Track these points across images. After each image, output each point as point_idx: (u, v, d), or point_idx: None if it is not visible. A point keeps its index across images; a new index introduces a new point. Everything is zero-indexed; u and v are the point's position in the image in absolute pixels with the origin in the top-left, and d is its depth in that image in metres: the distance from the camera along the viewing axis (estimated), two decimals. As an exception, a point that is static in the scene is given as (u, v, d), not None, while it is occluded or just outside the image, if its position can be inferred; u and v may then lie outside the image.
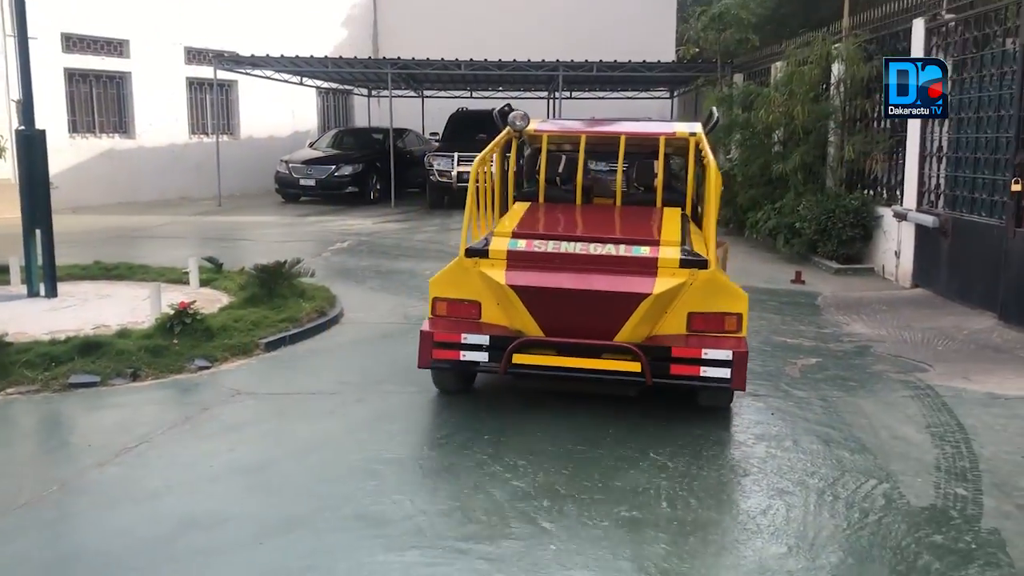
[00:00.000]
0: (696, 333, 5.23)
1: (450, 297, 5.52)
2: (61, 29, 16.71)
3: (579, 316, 5.19)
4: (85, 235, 13.16)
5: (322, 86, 22.78)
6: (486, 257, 5.37)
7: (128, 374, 5.98)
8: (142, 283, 8.98)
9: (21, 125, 7.94)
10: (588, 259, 5.25)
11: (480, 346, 5.32)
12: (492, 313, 5.41)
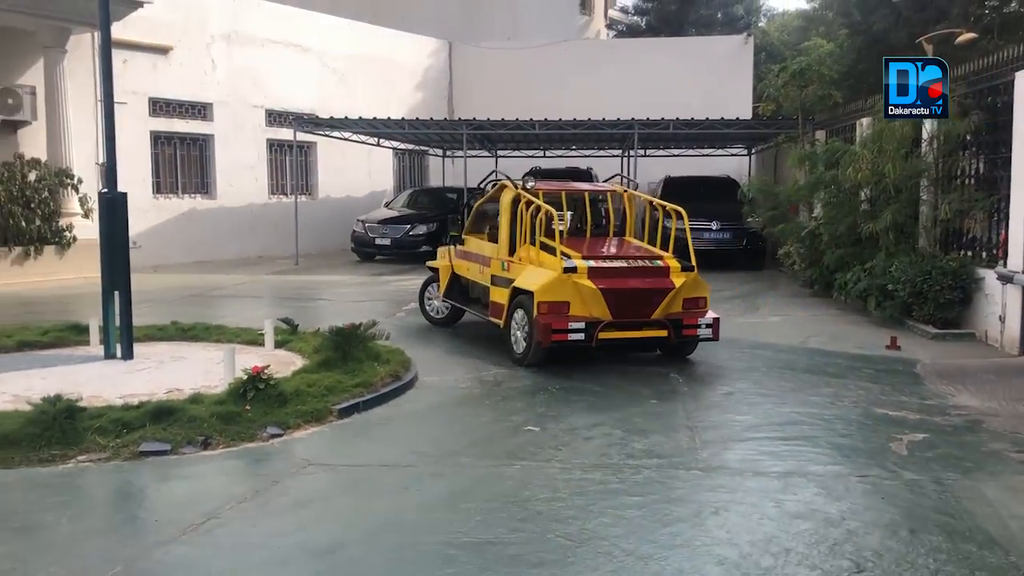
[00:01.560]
0: (688, 310, 8.48)
1: (550, 300, 8.08)
2: (149, 94, 17.25)
3: (633, 304, 8.22)
4: (164, 294, 13.33)
5: (398, 147, 23.05)
6: (576, 272, 8.13)
7: (199, 442, 5.83)
8: (218, 344, 8.95)
9: (104, 188, 8.01)
10: (631, 270, 8.45)
11: (579, 329, 8.03)
12: (576, 308, 8.13)
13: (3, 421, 5.80)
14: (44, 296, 13.49)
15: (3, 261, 14.29)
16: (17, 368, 7.78)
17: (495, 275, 9.24)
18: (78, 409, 5.87)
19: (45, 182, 14.66)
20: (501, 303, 8.89)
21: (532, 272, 8.51)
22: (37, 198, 14.51)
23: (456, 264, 10.33)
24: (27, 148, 14.92)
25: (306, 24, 20.85)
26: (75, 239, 15.04)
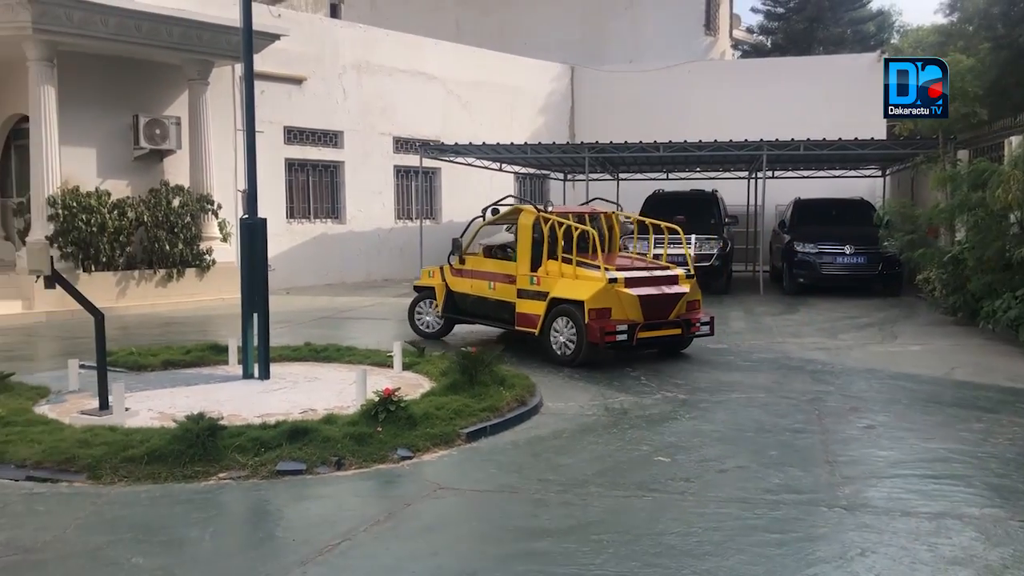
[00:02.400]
0: (692, 311, 10.13)
1: (599, 307, 9.43)
2: (284, 123, 17.98)
3: (658, 308, 9.76)
4: (297, 315, 13.77)
5: (520, 171, 23.22)
6: (616, 283, 9.54)
7: (333, 462, 5.94)
8: (349, 365, 9.15)
9: (245, 214, 8.34)
10: (654, 279, 9.98)
11: (623, 331, 9.37)
12: (616, 313, 9.51)
13: (151, 437, 6.06)
14: (185, 316, 14.17)
15: (148, 283, 15.08)
16: (162, 386, 8.15)
17: (523, 289, 10.28)
18: (219, 427, 6.08)
19: (188, 208, 15.43)
20: (534, 313, 10.07)
21: (570, 284, 9.76)
22: (180, 223, 15.27)
23: (452, 282, 11.25)
24: (171, 176, 15.74)
25: (432, 53, 21.33)
26: (214, 262, 15.75)
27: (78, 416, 6.78)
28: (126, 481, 5.60)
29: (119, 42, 14.01)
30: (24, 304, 13.56)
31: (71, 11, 13.16)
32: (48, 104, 13.70)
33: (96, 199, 14.29)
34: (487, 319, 11.07)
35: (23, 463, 5.78)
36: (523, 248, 10.38)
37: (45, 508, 5.19)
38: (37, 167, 13.88)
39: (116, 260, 14.62)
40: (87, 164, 14.79)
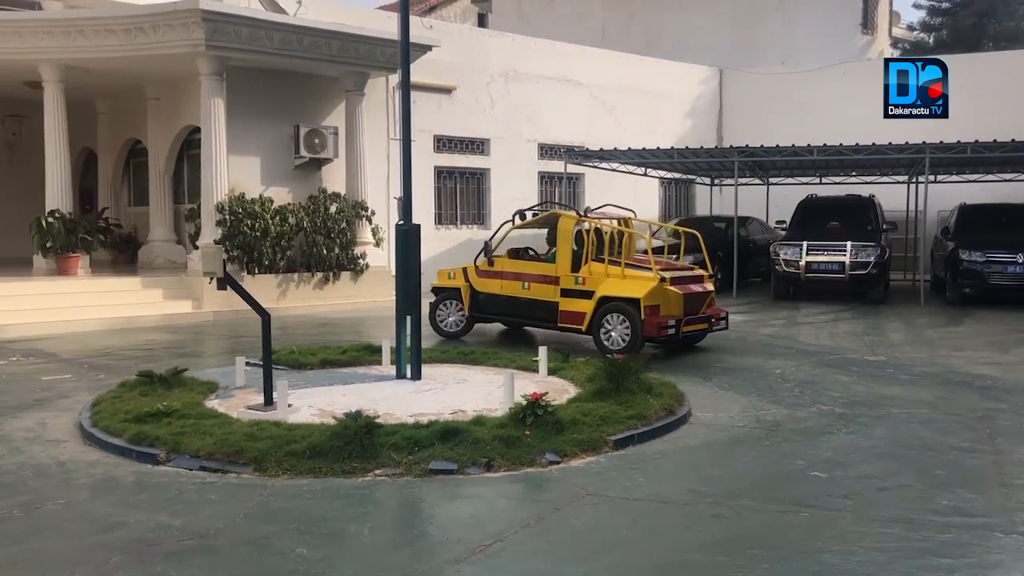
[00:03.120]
0: (710, 308, 11.14)
1: (652, 304, 10.26)
2: (434, 132, 18.45)
3: (695, 304, 10.78)
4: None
5: (665, 176, 22.95)
6: (665, 282, 10.39)
7: (483, 463, 6.04)
8: (495, 368, 9.28)
9: (400, 220, 8.61)
10: (689, 278, 10.99)
11: (673, 325, 10.27)
12: (663, 309, 10.34)
13: (312, 433, 6.34)
14: (339, 317, 14.75)
15: (307, 285, 15.79)
16: (320, 384, 8.51)
17: (568, 288, 10.93)
18: (376, 426, 6.29)
19: (344, 214, 16.07)
20: (580, 311, 10.75)
21: (619, 283, 10.60)
22: (336, 228, 15.93)
23: (477, 283, 11.77)
24: (329, 183, 16.43)
25: (578, 59, 21.40)
26: (367, 266, 16.34)
27: (245, 411, 7.16)
28: (289, 474, 5.87)
29: (282, 56, 14.75)
30: (194, 304, 14.47)
31: (240, 28, 13.97)
32: (218, 116, 14.58)
33: (260, 205, 15.10)
34: (521, 318, 11.74)
35: (197, 454, 6.16)
36: (564, 250, 11.07)
37: (216, 497, 5.51)
38: (207, 175, 14.79)
39: (277, 263, 15.39)
40: (252, 172, 15.64)
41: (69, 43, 14.39)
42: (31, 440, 6.81)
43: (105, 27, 14.18)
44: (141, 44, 14.11)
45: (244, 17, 14.09)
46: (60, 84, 15.29)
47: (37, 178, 16.26)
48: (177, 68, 15.04)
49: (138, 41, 14.08)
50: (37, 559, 4.51)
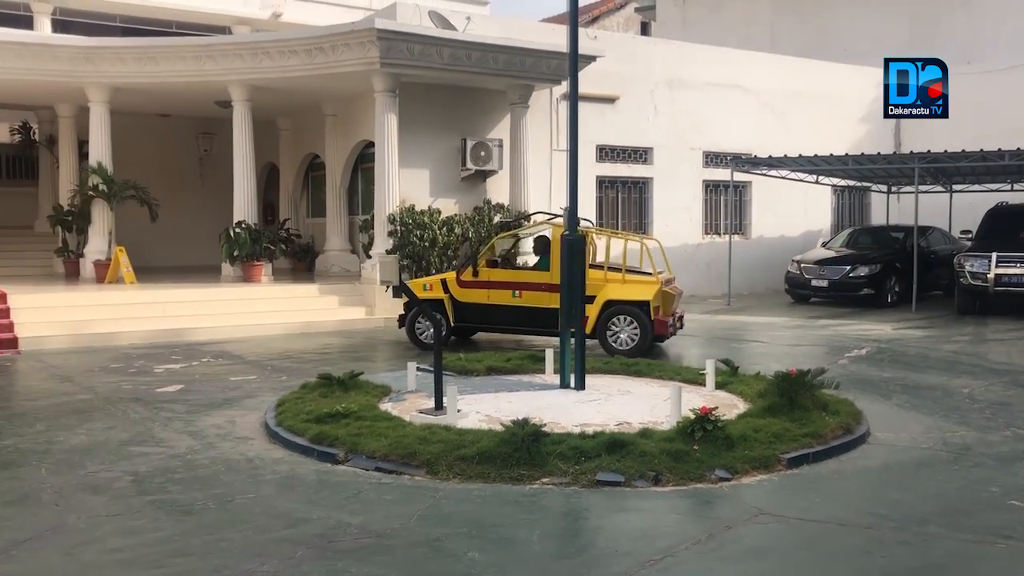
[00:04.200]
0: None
1: (657, 305, 11.40)
2: (596, 141, 18.46)
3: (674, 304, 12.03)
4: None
5: (838, 184, 22.01)
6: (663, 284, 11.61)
7: (651, 477, 5.96)
8: (659, 380, 9.18)
9: (566, 231, 8.66)
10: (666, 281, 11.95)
11: (672, 323, 11.70)
12: (663, 310, 11.55)
13: (481, 439, 6.46)
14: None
15: (471, 294, 16.13)
16: (487, 390, 8.67)
17: None
18: (543, 434, 6.34)
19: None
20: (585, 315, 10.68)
21: (621, 287, 11.57)
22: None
23: (459, 293, 11.97)
24: (493, 194, 16.75)
25: (745, 65, 20.87)
26: (530, 275, 16.53)
27: (417, 415, 7.39)
28: (459, 478, 6.01)
29: (451, 71, 15.18)
30: (367, 310, 15.08)
31: (412, 45, 14.49)
32: (390, 130, 15.17)
33: (428, 216, 15.57)
34: (513, 326, 12.08)
35: (373, 455, 6.40)
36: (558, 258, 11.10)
37: (392, 497, 5.71)
38: (380, 187, 15.40)
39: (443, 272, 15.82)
40: (421, 184, 16.17)
41: (256, 64, 15.37)
42: (222, 436, 7.28)
43: (288, 48, 15.06)
44: (320, 63, 14.89)
45: (416, 35, 14.60)
46: (247, 103, 16.35)
47: (225, 191, 17.45)
48: (353, 85, 15.76)
49: (318, 61, 14.86)
50: (230, 548, 4.81)
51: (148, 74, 15.83)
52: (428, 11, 16.12)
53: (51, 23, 20.06)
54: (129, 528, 5.11)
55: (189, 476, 6.14)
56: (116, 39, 16.65)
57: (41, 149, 20.04)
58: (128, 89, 16.34)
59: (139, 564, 4.58)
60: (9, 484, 5.94)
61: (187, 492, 5.78)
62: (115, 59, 15.76)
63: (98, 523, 5.18)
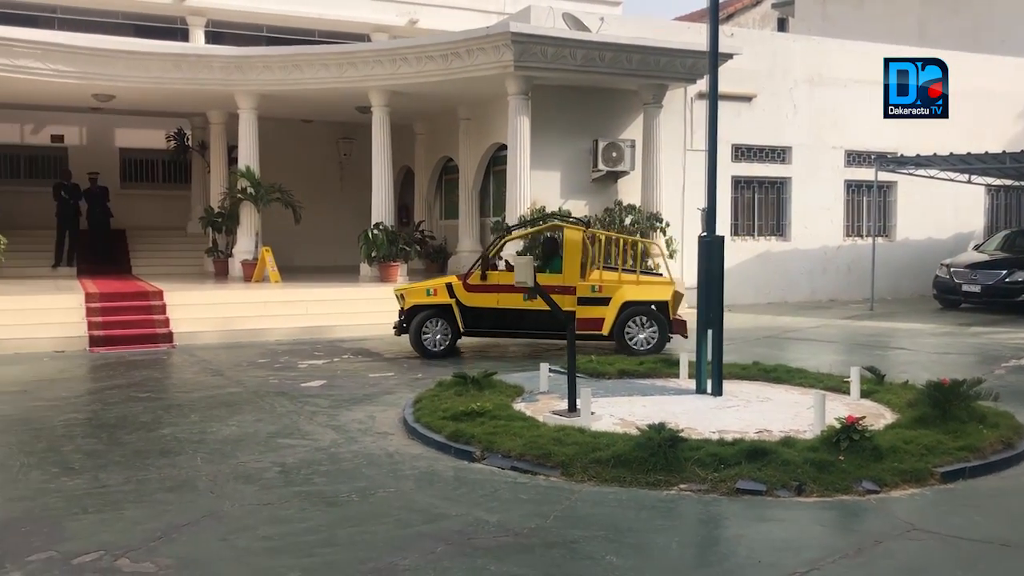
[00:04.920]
0: None
1: (675, 304, 11.79)
2: (732, 141, 18.03)
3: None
4: (740, 333, 13.68)
5: (993, 183, 20.74)
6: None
7: (793, 487, 5.77)
8: (800, 388, 8.88)
9: (704, 232, 8.49)
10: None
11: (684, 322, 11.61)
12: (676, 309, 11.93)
13: (615, 442, 6.41)
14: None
15: (602, 296, 16.06)
16: (619, 394, 8.60)
17: (585, 297, 11.33)
18: (680, 439, 6.24)
19: (638, 225, 16.16)
20: (598, 317, 11.39)
21: (636, 288, 11.61)
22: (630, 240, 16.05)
23: (466, 298, 11.44)
24: (624, 195, 16.62)
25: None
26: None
27: (550, 416, 7.41)
28: (594, 481, 5.98)
29: (584, 72, 15.16)
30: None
31: (546, 48, 14.55)
32: (523, 133, 15.28)
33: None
34: (525, 330, 11.60)
35: (508, 454, 6.45)
36: (573, 260, 11.30)
37: (527, 497, 5.73)
38: (512, 190, 15.53)
39: (574, 274, 15.80)
40: (552, 186, 16.21)
41: (395, 70, 15.79)
42: (363, 431, 7.50)
43: (426, 54, 15.40)
44: (456, 68, 15.15)
45: (550, 37, 14.66)
46: (386, 108, 16.82)
47: (362, 194, 18.01)
48: (486, 89, 15.95)
49: (454, 65, 15.13)
50: (373, 541, 4.94)
51: (293, 81, 16.51)
52: (562, 13, 16.16)
53: (204, 34, 21.20)
54: (279, 517, 5.33)
55: (333, 469, 6.35)
56: (264, 48, 17.45)
57: (194, 154, 21.21)
58: (274, 96, 17.09)
59: (289, 552, 4.77)
60: (168, 471, 6.29)
61: (332, 484, 5.98)
62: (263, 67, 16.51)
63: (250, 511, 5.42)
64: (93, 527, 5.13)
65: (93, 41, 15.91)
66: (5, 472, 6.29)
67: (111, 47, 15.97)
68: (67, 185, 18.99)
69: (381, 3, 22.13)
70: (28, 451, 6.85)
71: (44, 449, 6.91)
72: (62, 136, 21.98)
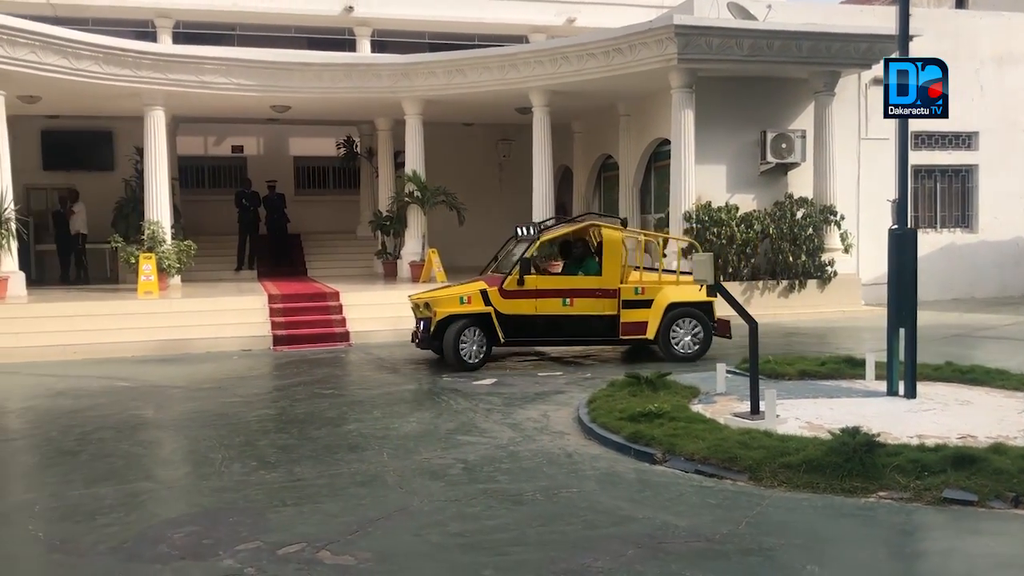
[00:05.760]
0: None
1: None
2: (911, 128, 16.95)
3: None
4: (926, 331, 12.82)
5: None
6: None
7: (1009, 498, 5.33)
8: (1003, 391, 8.25)
9: (895, 224, 8.01)
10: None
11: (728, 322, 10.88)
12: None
13: (805, 446, 6.13)
14: (806, 327, 14.23)
15: (771, 293, 15.53)
16: (803, 395, 8.22)
17: (629, 300, 10.85)
18: (876, 444, 5.90)
19: (810, 219, 15.53)
20: (642, 320, 10.86)
21: (677, 289, 10.99)
22: (803, 235, 15.44)
23: (503, 305, 10.61)
24: (794, 188, 15.98)
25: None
26: (835, 274, 15.62)
27: (732, 418, 7.18)
28: (785, 486, 5.73)
29: (751, 62, 14.68)
30: (663, 309, 14.97)
31: (711, 39, 14.19)
32: (687, 127, 14.95)
33: (726, 213, 15.19)
34: (563, 337, 10.98)
35: (691, 456, 6.29)
36: (614, 261, 10.84)
37: (715, 501, 5.56)
38: (676, 185, 15.24)
39: (741, 271, 15.36)
40: (717, 180, 15.79)
41: (555, 69, 15.81)
42: (539, 430, 7.51)
43: (587, 52, 15.33)
44: (618, 64, 15.01)
45: (715, 28, 14.29)
46: (546, 108, 16.87)
47: (520, 195, 18.13)
48: (648, 84, 15.72)
49: (615, 62, 14.99)
50: (563, 541, 4.91)
51: (456, 85, 16.83)
52: (727, 2, 15.71)
53: (370, 44, 21.96)
54: (467, 514, 5.39)
55: (514, 467, 6.38)
56: (428, 55, 17.83)
57: (362, 160, 22.00)
58: (438, 101, 17.47)
59: (481, 549, 4.81)
60: (358, 466, 6.50)
61: (514, 483, 6.00)
62: (427, 73, 16.92)
63: (439, 507, 5.51)
64: (293, 519, 5.35)
65: (272, 55, 16.76)
66: (210, 465, 6.67)
67: (288, 60, 16.78)
68: (247, 193, 20.16)
69: (539, 4, 22.21)
70: (227, 444, 7.25)
71: (241, 443, 7.30)
72: (242, 147, 23.31)
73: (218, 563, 4.65)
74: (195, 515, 5.48)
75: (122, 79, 15.24)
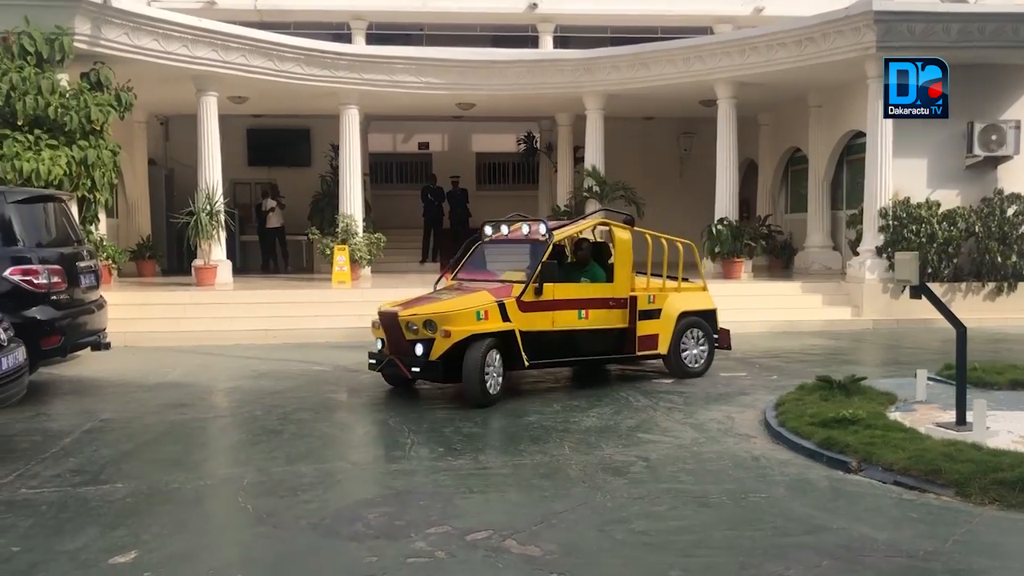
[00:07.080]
0: None
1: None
2: None
3: None
4: None
5: None
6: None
7: None
8: None
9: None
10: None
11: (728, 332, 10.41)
12: None
13: (1021, 463, 5.65)
14: (1015, 334, 13.19)
15: (975, 296, 14.47)
16: (1016, 407, 7.61)
17: (644, 309, 9.49)
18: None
19: (1022, 217, 14.32)
20: (654, 333, 9.55)
21: (682, 296, 9.94)
22: (1014, 234, 14.28)
23: (523, 320, 8.58)
24: (1006, 183, 14.80)
25: None
26: (1052, 276, 14.36)
27: (934, 428, 6.73)
28: (998, 505, 5.31)
29: (958, 48, 13.67)
30: (853, 311, 14.30)
31: (914, 24, 13.38)
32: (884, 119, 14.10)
33: (926, 209, 14.28)
34: (583, 356, 9.34)
35: (889, 467, 5.94)
36: (625, 266, 9.47)
37: (917, 516, 5.23)
38: (871, 180, 14.47)
39: (941, 271, 14.40)
40: (917, 175, 14.85)
41: (743, 61, 15.38)
42: (723, 431, 7.33)
43: (777, 42, 14.82)
44: (810, 54, 14.43)
45: (920, 12, 13.47)
46: (732, 100, 16.44)
47: (701, 189, 17.75)
48: (841, 74, 15.02)
49: (808, 51, 14.42)
50: (752, 547, 4.76)
51: (639, 79, 16.69)
52: (932, -16, 14.75)
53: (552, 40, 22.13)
54: (651, 513, 5.33)
55: (698, 468, 6.25)
56: (610, 49, 17.77)
57: (541, 156, 22.23)
58: (619, 95, 17.39)
59: (667, 549, 4.74)
60: (540, 458, 6.57)
61: (699, 484, 5.88)
62: (610, 67, 16.87)
63: (623, 504, 5.48)
64: (480, 506, 5.48)
65: (460, 54, 17.22)
66: (401, 448, 6.95)
67: (475, 58, 17.19)
68: (432, 188, 20.85)
69: (725, -6, 21.69)
70: (415, 430, 7.51)
71: (428, 429, 7.55)
72: (428, 143, 24.13)
73: (410, 544, 4.82)
74: (387, 496, 5.71)
75: (321, 79, 16.12)
